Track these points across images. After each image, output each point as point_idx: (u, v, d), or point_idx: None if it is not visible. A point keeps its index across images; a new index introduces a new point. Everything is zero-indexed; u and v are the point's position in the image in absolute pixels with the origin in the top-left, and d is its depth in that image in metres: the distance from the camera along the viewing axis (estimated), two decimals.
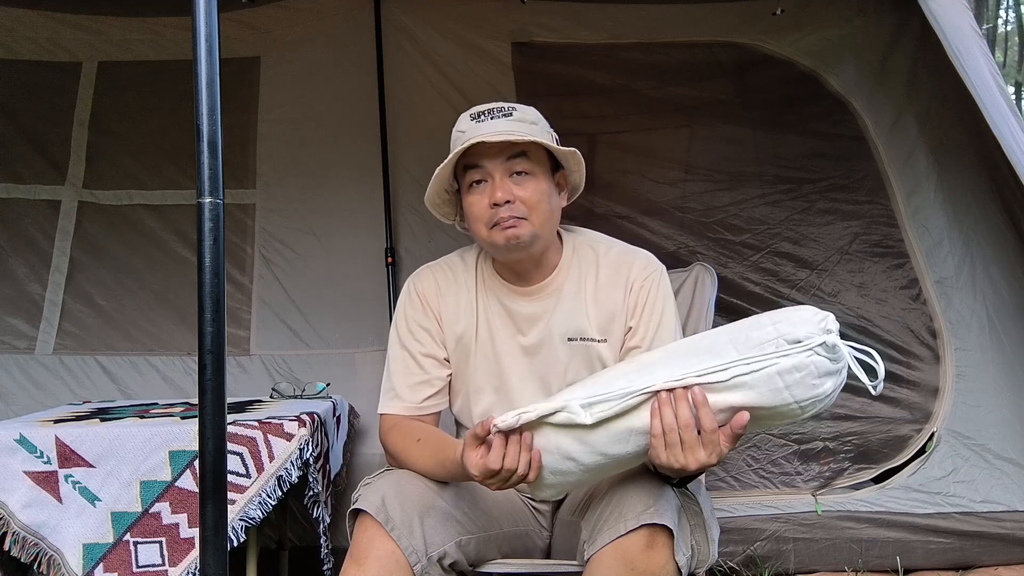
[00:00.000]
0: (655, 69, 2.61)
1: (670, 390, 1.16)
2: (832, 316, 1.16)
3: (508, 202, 1.42)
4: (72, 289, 2.63)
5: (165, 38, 2.68)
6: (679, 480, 1.34)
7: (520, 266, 1.54)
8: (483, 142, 1.40)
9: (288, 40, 2.70)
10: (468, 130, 1.45)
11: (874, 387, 1.16)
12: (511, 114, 1.46)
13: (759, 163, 2.55)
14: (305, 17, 2.68)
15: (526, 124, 1.46)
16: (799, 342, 1.12)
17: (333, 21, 2.68)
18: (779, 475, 2.41)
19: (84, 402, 2.28)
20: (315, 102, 2.70)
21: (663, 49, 2.60)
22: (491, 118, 1.45)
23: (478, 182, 1.46)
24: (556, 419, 1.19)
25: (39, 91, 2.70)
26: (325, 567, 1.87)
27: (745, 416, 1.15)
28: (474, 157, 1.44)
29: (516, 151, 1.44)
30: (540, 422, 1.20)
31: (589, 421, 1.17)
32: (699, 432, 1.16)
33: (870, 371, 1.17)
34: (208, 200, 1.08)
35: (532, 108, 1.51)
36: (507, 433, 1.20)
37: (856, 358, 1.16)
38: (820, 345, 1.12)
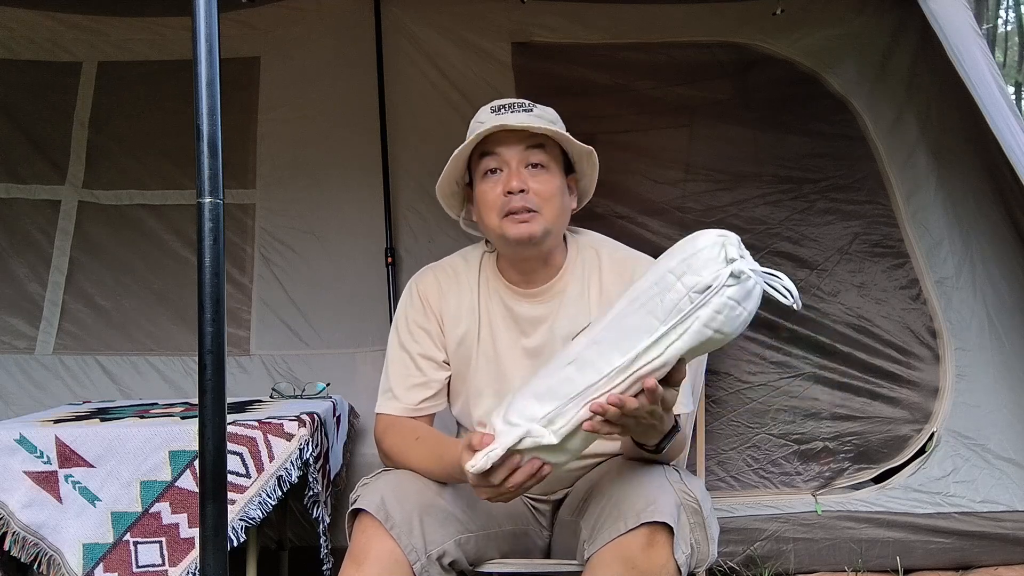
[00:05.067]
0: (655, 69, 2.61)
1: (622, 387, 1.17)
2: (729, 237, 1.16)
3: (522, 191, 1.43)
4: (72, 289, 2.63)
5: (165, 38, 2.68)
6: (656, 445, 1.36)
7: (526, 264, 1.54)
8: (501, 131, 1.42)
9: (288, 40, 2.70)
10: (487, 121, 1.46)
11: (795, 303, 1.15)
12: (531, 110, 1.49)
13: (759, 163, 2.55)
14: (305, 17, 2.68)
15: (545, 121, 1.48)
16: (709, 287, 1.12)
17: (333, 21, 2.68)
18: (779, 475, 2.41)
19: (84, 402, 2.28)
20: (315, 102, 2.70)
21: (663, 49, 2.59)
22: (511, 111, 1.47)
23: (493, 170, 1.47)
24: (524, 445, 1.19)
25: (39, 91, 2.69)
26: (325, 567, 1.87)
27: (683, 368, 1.19)
28: (491, 145, 1.46)
29: (534, 142, 1.46)
30: (512, 450, 1.19)
31: (555, 440, 1.18)
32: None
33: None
34: (208, 200, 1.08)
35: (551, 109, 1.53)
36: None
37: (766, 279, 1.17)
38: (729, 277, 1.12)
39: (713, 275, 1.12)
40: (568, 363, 1.22)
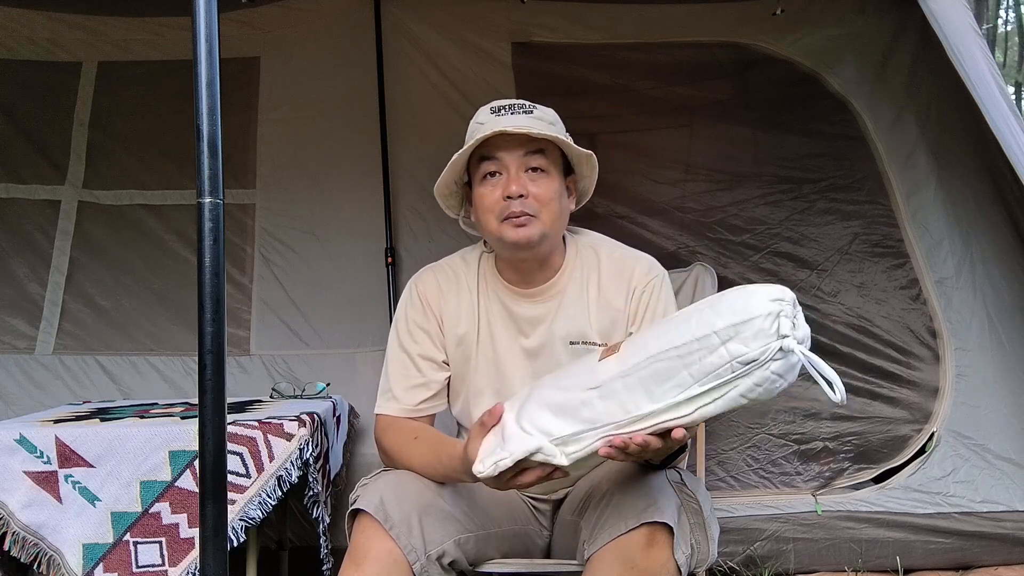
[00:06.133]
0: (655, 69, 2.61)
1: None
2: (784, 307, 1.10)
3: (522, 196, 1.43)
4: (72, 289, 2.63)
5: (165, 38, 2.68)
6: (662, 462, 1.37)
7: (524, 265, 1.54)
8: (502, 135, 1.41)
9: (288, 40, 2.70)
10: (487, 122, 1.45)
11: (840, 400, 1.09)
12: (532, 111, 1.47)
13: (759, 163, 2.55)
14: (305, 17, 2.68)
15: (545, 123, 1.47)
16: (754, 361, 1.08)
17: (333, 21, 2.68)
18: (779, 475, 2.41)
19: (84, 402, 2.28)
20: (315, 102, 2.70)
21: (663, 49, 2.60)
22: (511, 113, 1.46)
23: (492, 174, 1.46)
24: (534, 459, 1.18)
25: (39, 91, 2.69)
26: (325, 567, 1.87)
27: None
28: (491, 149, 1.45)
29: (534, 147, 1.45)
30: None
31: (566, 463, 1.17)
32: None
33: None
34: (208, 200, 1.08)
35: (551, 110, 1.52)
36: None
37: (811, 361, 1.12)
38: (777, 352, 1.08)
39: (761, 350, 1.07)
40: (592, 387, 1.19)
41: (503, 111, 1.47)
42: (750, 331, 1.08)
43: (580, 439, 1.17)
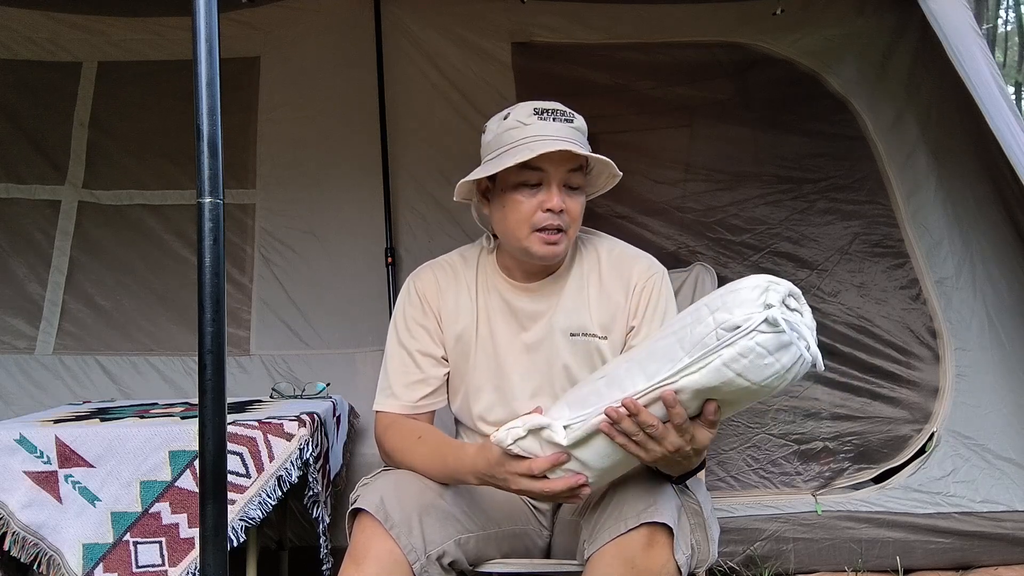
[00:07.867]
0: (655, 69, 2.62)
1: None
2: (779, 285, 1.12)
3: (561, 211, 1.43)
4: (72, 289, 2.63)
5: (165, 38, 2.68)
6: (678, 477, 1.35)
7: (532, 266, 1.54)
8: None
9: (288, 40, 2.70)
10: (532, 124, 1.43)
11: (818, 367, 1.13)
12: (572, 120, 1.46)
13: (759, 163, 2.55)
14: (305, 17, 2.69)
15: (581, 134, 1.47)
16: (737, 328, 1.08)
17: (333, 21, 2.68)
18: (779, 475, 2.41)
19: (84, 402, 2.28)
20: (315, 102, 2.70)
21: (663, 49, 2.60)
22: (553, 119, 1.44)
23: (534, 184, 1.44)
24: (543, 434, 1.21)
25: (39, 91, 2.69)
26: (325, 567, 1.87)
27: (712, 405, 1.16)
28: (537, 159, 1.41)
29: (576, 164, 1.45)
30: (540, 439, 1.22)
31: (565, 442, 1.19)
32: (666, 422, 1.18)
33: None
34: (208, 200, 1.08)
35: (582, 117, 1.50)
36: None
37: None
38: (762, 323, 1.07)
39: (744, 316, 1.08)
40: (600, 377, 1.24)
41: (546, 115, 1.44)
42: (735, 300, 1.11)
43: (582, 420, 1.19)
